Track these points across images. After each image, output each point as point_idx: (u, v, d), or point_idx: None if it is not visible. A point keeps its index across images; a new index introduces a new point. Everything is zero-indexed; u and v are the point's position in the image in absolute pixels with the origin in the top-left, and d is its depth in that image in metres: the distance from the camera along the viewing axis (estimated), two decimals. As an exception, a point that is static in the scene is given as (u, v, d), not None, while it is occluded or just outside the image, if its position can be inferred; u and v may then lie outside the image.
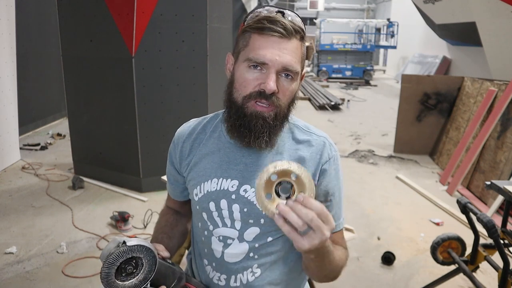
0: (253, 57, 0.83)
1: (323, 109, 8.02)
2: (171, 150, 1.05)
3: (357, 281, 2.39)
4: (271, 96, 0.84)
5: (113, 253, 0.70)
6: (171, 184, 1.08)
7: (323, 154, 0.94)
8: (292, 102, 0.90)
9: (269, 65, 0.82)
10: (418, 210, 3.41)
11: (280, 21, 0.82)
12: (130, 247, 0.72)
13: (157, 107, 3.37)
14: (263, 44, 0.83)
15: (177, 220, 1.10)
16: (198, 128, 1.02)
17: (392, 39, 14.53)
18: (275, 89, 0.82)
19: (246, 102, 0.85)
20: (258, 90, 0.84)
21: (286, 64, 0.83)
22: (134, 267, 0.73)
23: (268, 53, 0.82)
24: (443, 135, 4.72)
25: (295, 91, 0.90)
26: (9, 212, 3.13)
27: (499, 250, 1.77)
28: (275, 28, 0.82)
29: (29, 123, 5.42)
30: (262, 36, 0.83)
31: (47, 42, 5.69)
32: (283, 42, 0.83)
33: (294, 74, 0.86)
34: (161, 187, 3.43)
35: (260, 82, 0.84)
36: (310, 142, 0.95)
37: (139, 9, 3.05)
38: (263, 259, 0.95)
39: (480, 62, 7.38)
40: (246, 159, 0.94)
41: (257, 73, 0.84)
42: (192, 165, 0.99)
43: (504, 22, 5.12)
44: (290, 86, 0.86)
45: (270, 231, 0.94)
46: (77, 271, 2.39)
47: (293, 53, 0.84)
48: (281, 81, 0.85)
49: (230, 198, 0.93)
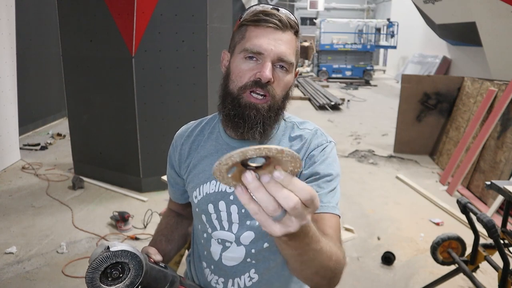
0: (249, 47, 0.85)
1: (323, 109, 8.02)
2: (171, 153, 1.05)
3: (357, 281, 2.39)
4: (266, 85, 0.85)
5: (97, 258, 0.71)
6: (172, 187, 1.09)
7: (312, 142, 0.94)
8: (287, 95, 0.91)
9: (265, 54, 0.84)
10: (418, 210, 3.41)
11: (275, 14, 0.85)
12: (114, 253, 0.72)
13: (157, 107, 3.37)
14: (259, 34, 0.85)
15: (178, 222, 1.10)
16: (196, 130, 1.02)
17: (392, 39, 14.52)
18: (270, 77, 0.84)
19: (241, 92, 0.86)
20: (254, 80, 0.85)
21: (281, 54, 0.84)
22: (120, 272, 0.73)
23: (264, 43, 0.84)
24: (443, 135, 4.72)
25: (290, 84, 0.90)
26: (9, 212, 3.13)
27: (499, 250, 1.77)
28: (270, 19, 0.84)
29: (29, 123, 5.42)
30: (257, 27, 0.86)
31: (47, 42, 5.68)
32: (278, 33, 0.85)
33: (289, 65, 0.87)
34: (161, 187, 3.43)
35: (256, 71, 0.85)
36: (302, 136, 0.95)
37: (139, 9, 3.05)
38: (261, 264, 0.95)
39: (480, 62, 7.37)
40: None
41: (252, 63, 0.86)
42: (191, 168, 0.99)
43: (504, 22, 5.12)
44: (285, 77, 0.87)
45: (266, 236, 0.93)
46: (77, 271, 2.39)
47: (288, 45, 0.86)
48: (276, 72, 0.86)
49: (228, 199, 0.93)
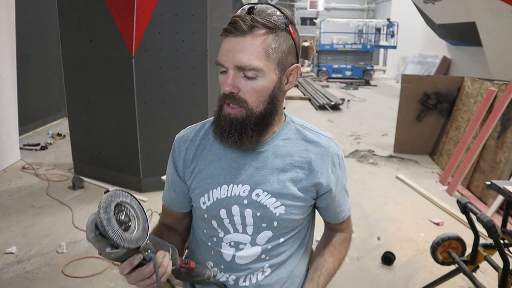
0: (216, 60, 0.86)
1: (323, 109, 8.02)
2: (174, 158, 1.00)
3: (357, 281, 2.39)
4: (232, 97, 0.85)
5: (104, 198, 0.67)
6: (176, 195, 1.02)
7: (333, 154, 0.98)
8: (271, 99, 0.87)
9: (226, 65, 0.84)
10: (418, 210, 3.41)
11: (238, 20, 0.82)
12: (113, 191, 0.69)
13: (157, 107, 3.37)
14: (223, 47, 0.85)
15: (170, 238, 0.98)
16: (201, 133, 0.99)
17: (392, 39, 14.52)
18: (229, 89, 0.84)
19: (222, 103, 0.88)
20: (224, 93, 0.85)
21: (238, 62, 0.82)
22: (127, 216, 0.70)
23: (223, 54, 0.84)
24: (443, 135, 4.72)
25: (266, 89, 0.85)
26: (9, 212, 3.13)
27: (499, 250, 1.76)
28: (229, 28, 0.83)
29: (29, 123, 5.42)
30: (224, 39, 0.85)
31: (47, 42, 5.68)
32: (236, 41, 0.83)
33: (255, 71, 0.83)
34: (161, 187, 3.39)
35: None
36: (318, 143, 0.97)
37: (139, 9, 3.05)
38: (274, 259, 0.96)
39: (480, 62, 7.37)
40: (255, 163, 0.93)
41: (223, 76, 0.86)
42: (197, 173, 0.96)
43: (504, 22, 5.12)
44: (253, 84, 0.84)
45: (282, 233, 0.95)
46: (77, 271, 2.39)
47: (248, 50, 0.82)
48: (242, 81, 0.84)
49: (242, 204, 0.92)
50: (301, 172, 0.94)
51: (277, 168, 0.93)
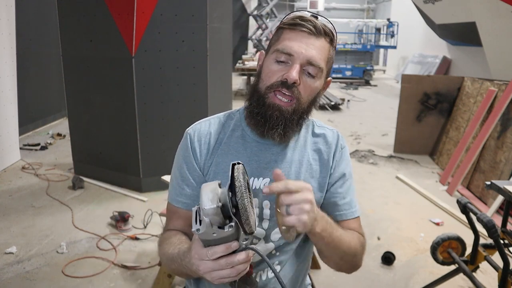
0: (281, 48, 0.88)
1: (323, 109, 8.02)
2: (193, 150, 0.96)
3: (357, 281, 2.39)
4: (292, 87, 0.87)
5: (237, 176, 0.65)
6: (192, 191, 0.96)
7: (337, 144, 1.01)
8: (314, 100, 0.94)
9: (295, 56, 0.87)
10: (418, 210, 3.41)
11: (311, 20, 0.89)
12: (242, 165, 0.69)
13: (157, 107, 3.37)
14: (292, 37, 0.88)
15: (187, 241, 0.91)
16: (217, 127, 0.99)
17: (392, 39, 14.52)
18: (296, 79, 0.86)
19: (268, 92, 0.89)
20: (281, 80, 0.87)
21: (311, 58, 0.87)
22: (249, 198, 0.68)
23: (295, 45, 0.87)
24: (443, 135, 4.72)
25: (317, 90, 0.93)
26: (9, 212, 3.13)
27: (499, 250, 1.77)
28: (305, 24, 0.87)
29: (29, 123, 5.41)
30: (292, 31, 0.89)
31: (47, 42, 5.68)
32: (311, 38, 0.88)
33: (318, 71, 0.89)
34: (161, 187, 3.42)
35: (284, 73, 0.87)
36: (325, 136, 1.02)
37: (139, 9, 3.05)
38: (283, 256, 0.98)
39: (480, 62, 7.36)
40: (275, 156, 0.95)
41: (282, 66, 0.88)
42: (214, 166, 0.95)
43: (504, 22, 5.12)
44: (312, 82, 0.90)
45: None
46: (77, 271, 2.39)
47: (320, 50, 0.88)
48: (304, 77, 0.89)
49: (261, 195, 0.93)
50: (314, 164, 0.98)
51: (294, 161, 0.97)
